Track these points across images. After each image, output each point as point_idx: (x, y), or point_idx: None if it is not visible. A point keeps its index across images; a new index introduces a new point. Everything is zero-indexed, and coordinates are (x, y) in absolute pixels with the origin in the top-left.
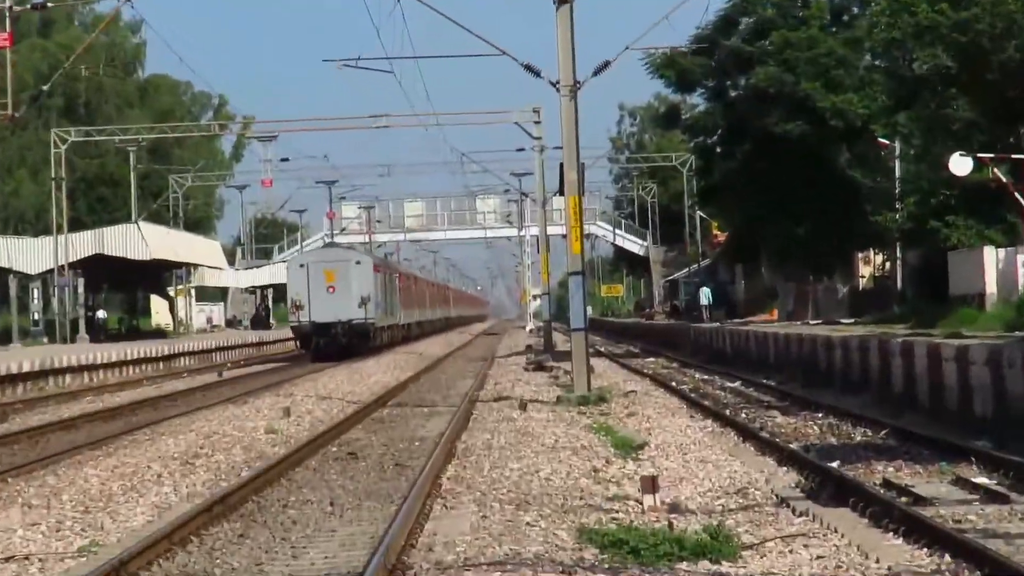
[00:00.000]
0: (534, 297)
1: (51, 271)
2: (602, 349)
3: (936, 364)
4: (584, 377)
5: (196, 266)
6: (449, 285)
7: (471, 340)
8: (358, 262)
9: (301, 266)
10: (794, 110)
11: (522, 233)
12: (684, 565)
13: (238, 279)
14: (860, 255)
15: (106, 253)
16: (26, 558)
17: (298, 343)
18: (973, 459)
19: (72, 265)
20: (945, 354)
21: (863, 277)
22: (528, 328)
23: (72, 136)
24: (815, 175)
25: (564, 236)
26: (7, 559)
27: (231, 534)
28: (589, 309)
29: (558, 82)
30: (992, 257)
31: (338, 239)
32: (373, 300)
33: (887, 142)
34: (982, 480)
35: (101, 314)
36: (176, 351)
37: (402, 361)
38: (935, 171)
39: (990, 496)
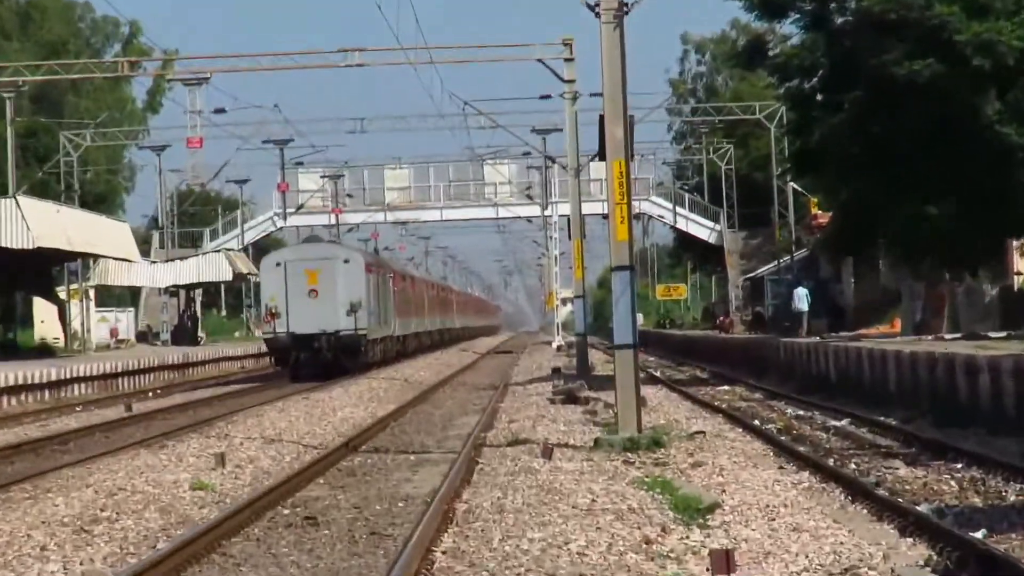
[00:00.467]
0: (563, 302)
1: None
2: (657, 373)
3: None
4: (633, 412)
5: (97, 258)
6: (452, 286)
7: (477, 360)
8: (346, 260)
9: (277, 265)
10: (923, 44)
11: (547, 213)
12: None
13: (155, 276)
14: (1016, 244)
15: None
16: None
17: (273, 359)
18: None
19: None
20: None
21: (1019, 275)
22: (555, 344)
23: None
24: (953, 133)
25: (605, 217)
26: None
27: None
28: (640, 318)
29: (597, 3)
30: None
31: (294, 221)
32: (365, 307)
33: None
34: None
35: None
36: (68, 376)
37: (380, 389)
38: None
39: None
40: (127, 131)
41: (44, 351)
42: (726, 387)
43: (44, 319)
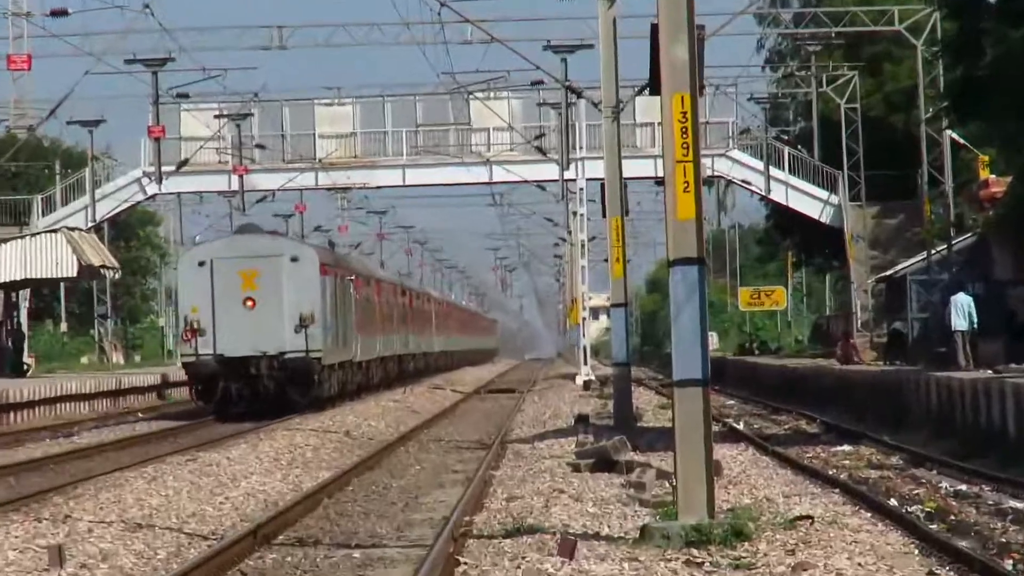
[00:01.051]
0: (593, 313)
1: None
2: (740, 425)
3: None
4: (702, 486)
5: None
6: (430, 292)
7: (459, 402)
8: (295, 258)
9: (201, 264)
10: None
11: (569, 175)
12: None
13: None
14: None
15: None
16: None
17: (194, 391)
18: None
19: None
20: None
21: None
22: (581, 379)
23: None
24: None
25: (659, 182)
26: None
27: None
28: (714, 339)
29: None
30: None
31: (175, 186)
32: (320, 321)
33: None
34: None
35: None
36: None
37: (308, 447)
38: None
39: None
40: None
41: None
42: (846, 447)
43: None
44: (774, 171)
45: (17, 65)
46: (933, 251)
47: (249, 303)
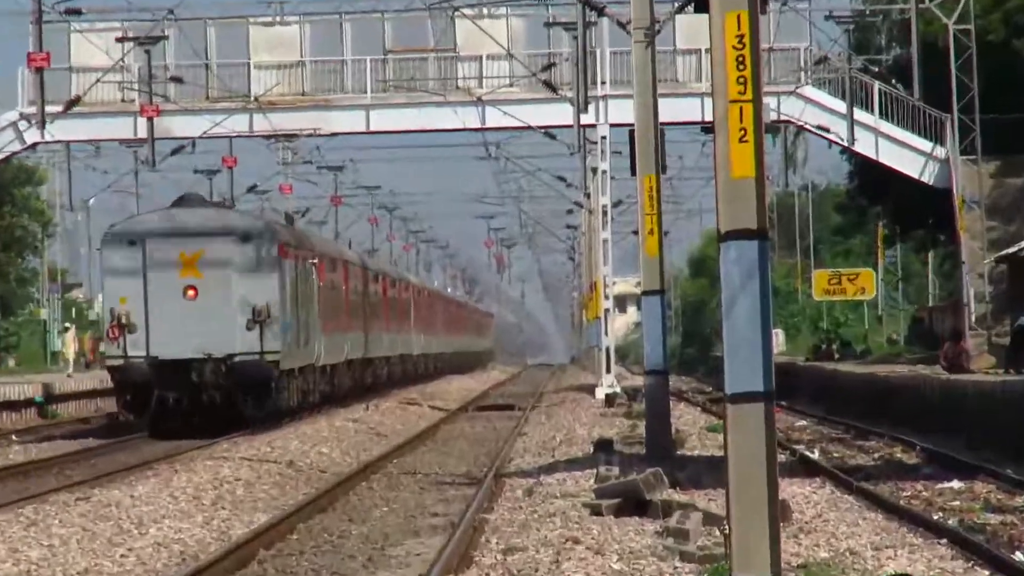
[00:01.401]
0: (618, 304)
1: None
2: (815, 453)
3: None
4: (764, 534)
5: None
6: (409, 278)
7: (442, 421)
8: (247, 236)
9: (131, 244)
10: None
11: (588, 119)
12: None
13: None
14: None
15: None
16: None
17: (122, 401)
18: None
19: None
20: None
21: None
22: (602, 391)
23: None
24: None
25: (706, 128)
26: None
27: None
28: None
29: None
30: None
31: (66, 131)
32: (278, 316)
33: None
34: None
35: None
36: None
37: (238, 482)
38: None
39: None
40: None
41: None
42: (956, 483)
43: None
44: (859, 114)
45: None
46: None
47: (191, 292)
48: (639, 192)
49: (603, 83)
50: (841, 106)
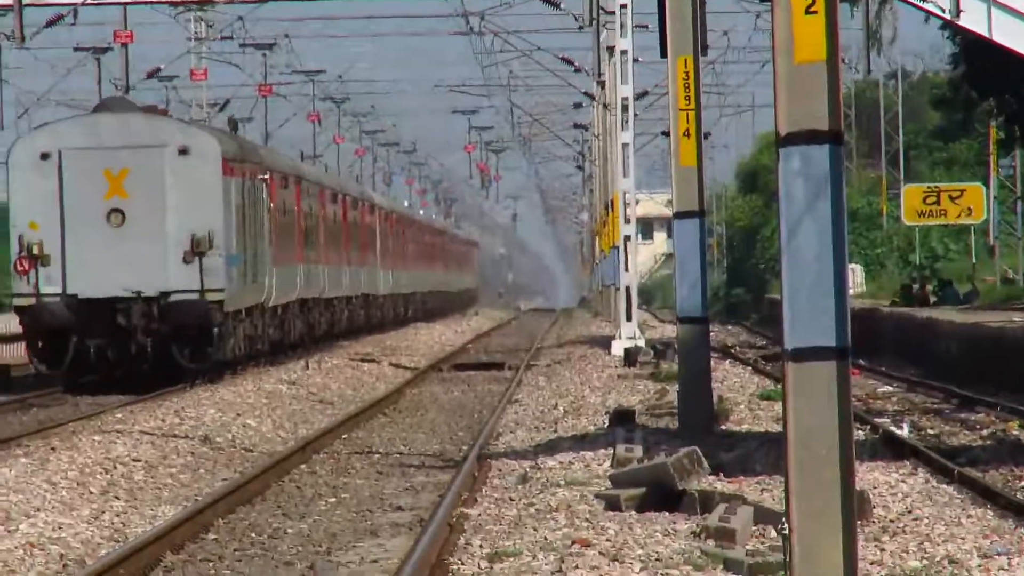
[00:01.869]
0: (643, 229)
1: None
2: (903, 429)
3: None
4: (836, 537)
5: None
6: (373, 196)
7: (407, 384)
8: (184, 150)
9: (43, 157)
10: None
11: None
12: None
13: None
14: None
15: None
16: None
17: (32, 348)
18: None
19: None
20: None
21: None
22: (621, 345)
23: None
24: None
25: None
26: None
27: None
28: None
29: None
30: None
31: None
32: (222, 246)
33: None
34: None
35: None
36: None
37: (142, 459)
38: None
39: None
40: None
41: None
42: None
43: None
44: None
45: None
46: None
47: (116, 217)
48: (671, 80)
49: None
50: None
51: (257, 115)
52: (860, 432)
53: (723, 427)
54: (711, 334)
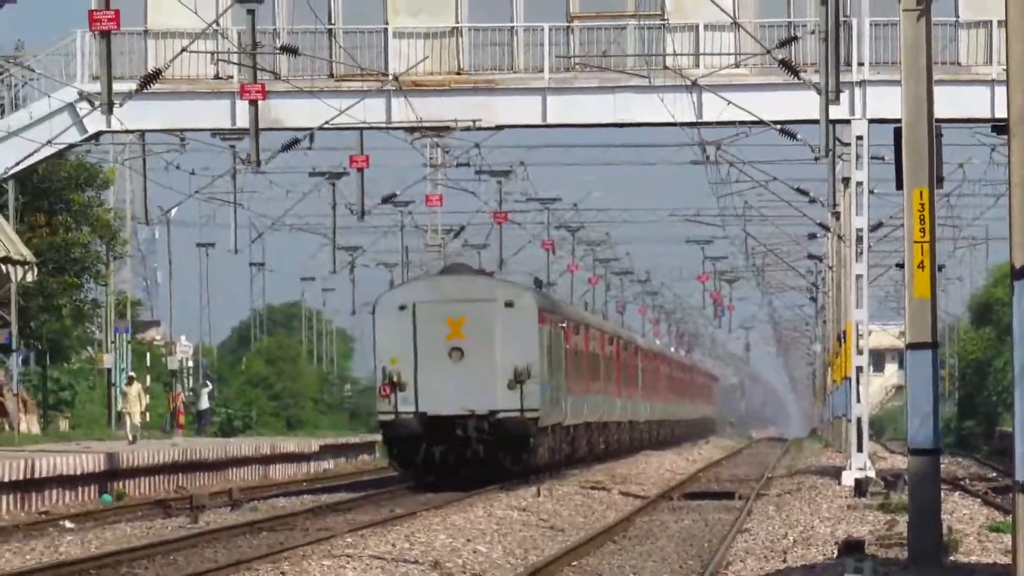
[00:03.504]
0: (873, 361)
1: None
2: None
3: None
4: None
5: None
6: (636, 338)
7: (636, 513)
8: (510, 303)
9: (401, 308)
10: None
11: (840, 112)
12: None
13: None
14: None
15: None
16: None
17: (392, 453)
18: None
19: None
20: None
21: None
22: (852, 476)
23: None
24: None
25: (998, 128)
26: None
27: None
28: None
29: None
30: None
31: (137, 117)
32: (536, 375)
33: None
34: None
35: None
36: None
37: None
38: None
39: None
40: None
41: None
42: None
43: None
44: None
45: None
46: None
47: (457, 355)
48: (906, 212)
49: (860, 64)
50: None
51: (492, 241)
52: None
53: (953, 558)
54: (941, 466)
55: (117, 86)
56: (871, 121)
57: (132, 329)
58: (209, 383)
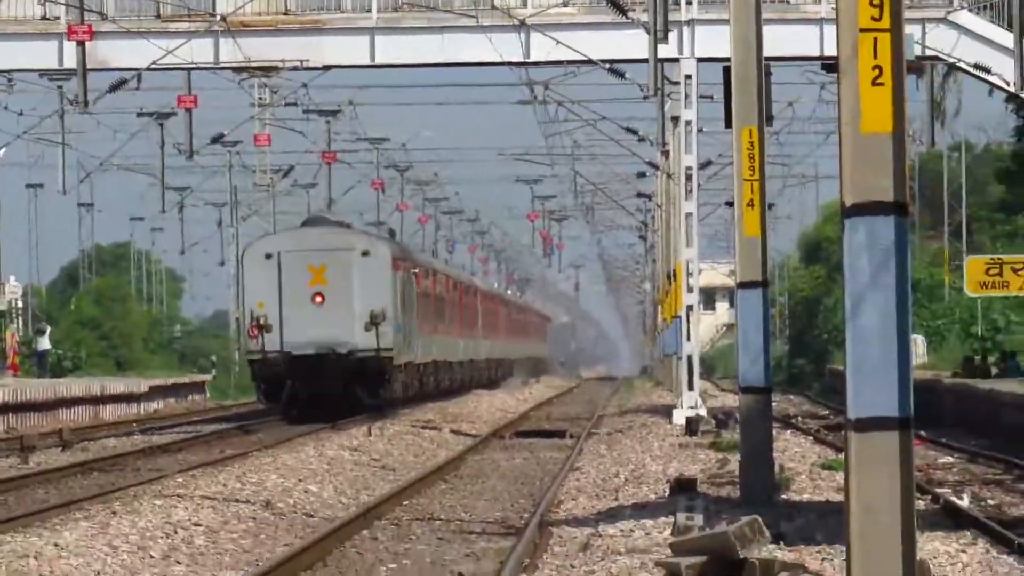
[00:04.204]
0: (704, 299)
1: None
2: (964, 500)
3: None
4: None
5: None
6: (476, 282)
7: (468, 451)
8: (366, 252)
9: (267, 256)
10: None
11: (668, 50)
12: None
13: None
14: None
15: None
16: None
17: (260, 389)
18: None
19: None
20: None
21: None
22: (682, 414)
23: None
24: None
25: (827, 66)
26: None
27: None
28: (921, 346)
29: None
30: None
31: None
32: (390, 318)
33: None
34: None
35: None
36: None
37: (201, 529)
38: None
39: None
40: None
41: None
42: None
43: None
44: None
45: None
46: None
47: (318, 298)
48: (735, 150)
49: (688, 3)
50: (1007, 38)
51: (321, 181)
52: (920, 502)
53: (784, 496)
54: (773, 404)
55: None
56: (700, 60)
57: None
58: (48, 325)
